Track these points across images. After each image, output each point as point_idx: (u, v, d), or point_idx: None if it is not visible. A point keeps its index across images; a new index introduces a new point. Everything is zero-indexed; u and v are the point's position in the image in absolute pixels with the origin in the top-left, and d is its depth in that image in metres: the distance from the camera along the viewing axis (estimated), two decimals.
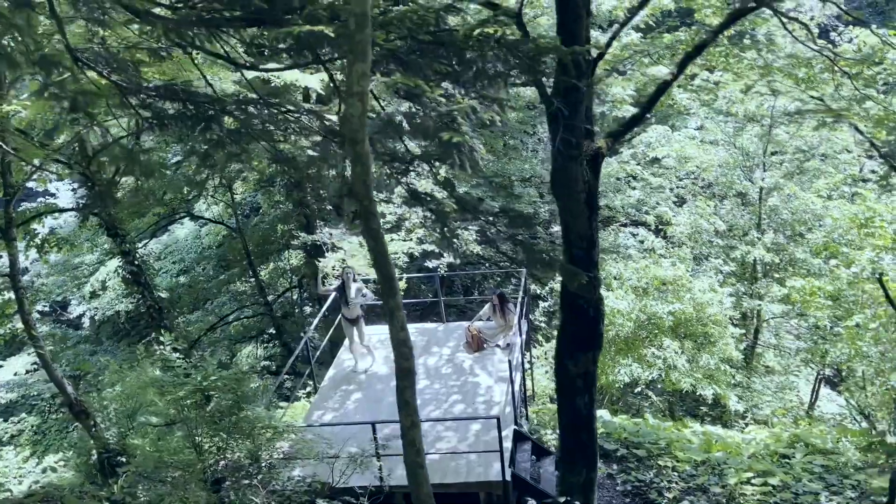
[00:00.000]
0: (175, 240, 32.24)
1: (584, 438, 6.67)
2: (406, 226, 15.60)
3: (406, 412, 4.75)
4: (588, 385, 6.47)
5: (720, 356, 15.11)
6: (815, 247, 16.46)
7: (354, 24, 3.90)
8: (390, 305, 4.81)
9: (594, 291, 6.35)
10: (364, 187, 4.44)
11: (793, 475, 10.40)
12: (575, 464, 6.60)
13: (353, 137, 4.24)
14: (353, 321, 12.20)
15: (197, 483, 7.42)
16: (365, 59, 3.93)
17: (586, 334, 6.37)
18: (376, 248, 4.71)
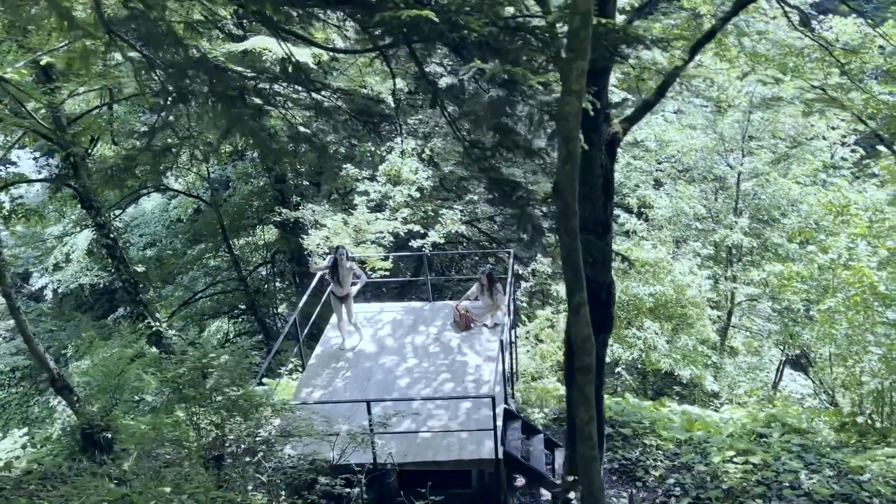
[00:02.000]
0: (142, 212, 31.65)
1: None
2: (390, 205, 15.54)
3: (585, 407, 4.70)
4: (598, 368, 6.55)
5: (697, 337, 15.43)
6: (790, 232, 16.85)
7: (579, 22, 3.89)
8: (576, 301, 4.77)
9: (607, 275, 6.43)
10: (571, 185, 4.46)
11: (772, 454, 10.70)
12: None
13: (567, 135, 4.25)
14: (343, 299, 12.16)
15: (197, 460, 7.37)
16: (584, 57, 3.92)
17: (598, 317, 6.44)
18: (571, 245, 4.67)
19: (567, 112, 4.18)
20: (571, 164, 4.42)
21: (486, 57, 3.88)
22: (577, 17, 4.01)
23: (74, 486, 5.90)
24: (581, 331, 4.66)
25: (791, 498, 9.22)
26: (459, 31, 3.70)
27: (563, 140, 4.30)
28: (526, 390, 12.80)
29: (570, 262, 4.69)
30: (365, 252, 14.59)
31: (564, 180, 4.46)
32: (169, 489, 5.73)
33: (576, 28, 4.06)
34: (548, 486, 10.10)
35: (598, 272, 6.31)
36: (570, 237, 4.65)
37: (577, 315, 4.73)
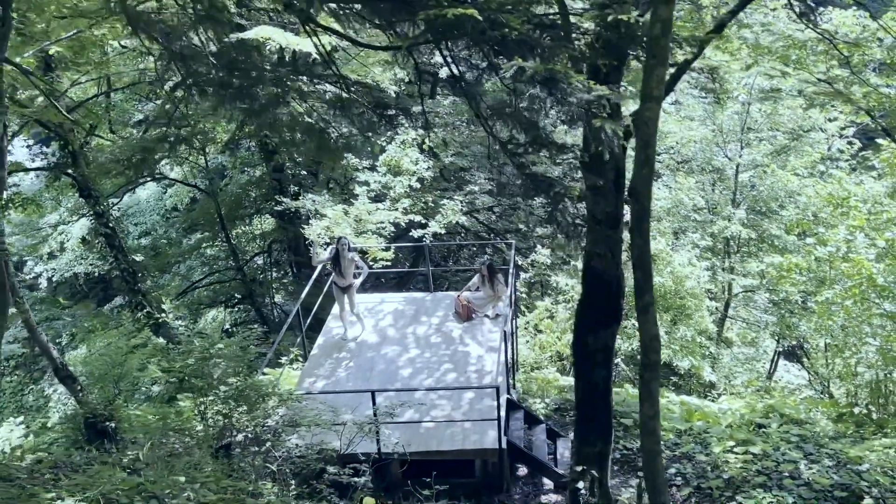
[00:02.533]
0: (136, 201, 31.54)
1: (600, 411, 6.85)
2: (391, 195, 15.54)
3: (649, 402, 4.79)
4: (606, 359, 6.63)
5: (696, 328, 15.53)
6: (788, 224, 16.95)
7: (660, 29, 3.96)
8: (646, 301, 4.83)
9: (617, 268, 6.48)
10: (647, 188, 4.56)
11: (771, 444, 10.80)
12: (590, 436, 6.77)
13: (646, 140, 4.36)
14: (345, 289, 12.18)
15: (206, 450, 7.41)
16: (665, 64, 3.99)
17: (608, 309, 6.51)
18: (643, 246, 4.74)
19: (647, 117, 4.31)
20: (649, 167, 4.59)
21: (526, 55, 3.91)
22: (658, 25, 4.11)
23: (88, 475, 5.92)
24: (650, 329, 4.75)
25: (791, 488, 9.31)
26: (500, 30, 3.72)
27: (643, 145, 4.44)
28: (527, 381, 12.88)
29: (642, 262, 4.78)
30: (366, 242, 14.60)
31: (641, 183, 4.59)
32: (183, 478, 5.77)
33: (657, 35, 4.17)
34: (550, 476, 10.18)
35: (608, 265, 6.36)
36: (643, 238, 4.75)
37: (646, 314, 4.82)
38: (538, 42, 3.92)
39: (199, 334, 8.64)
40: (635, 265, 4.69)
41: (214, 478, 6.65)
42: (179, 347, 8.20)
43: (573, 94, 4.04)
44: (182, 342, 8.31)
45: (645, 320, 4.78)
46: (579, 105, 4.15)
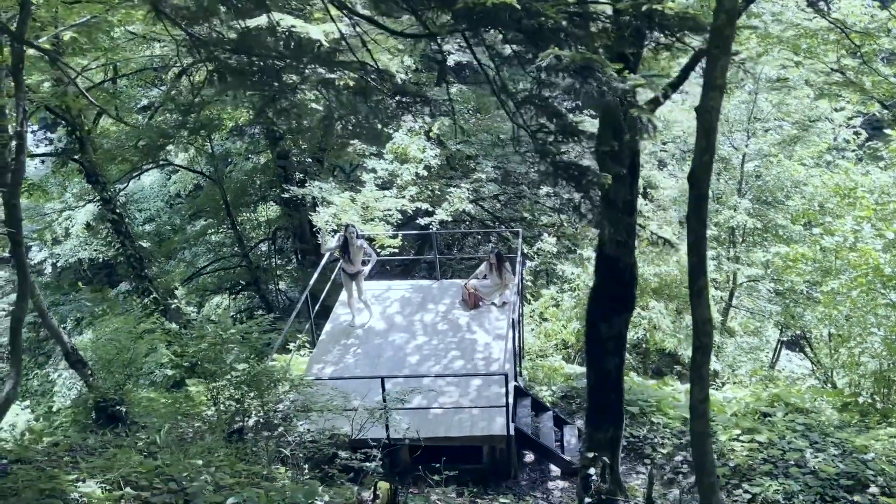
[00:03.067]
0: (140, 187, 31.55)
1: (612, 398, 6.91)
2: (398, 183, 15.55)
3: (700, 386, 4.87)
4: (619, 347, 6.68)
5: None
6: (794, 214, 16.95)
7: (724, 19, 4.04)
8: (700, 284, 4.90)
9: (631, 255, 6.51)
10: (707, 175, 4.65)
11: (777, 433, 10.87)
12: (602, 422, 6.84)
13: (708, 128, 4.45)
14: (353, 276, 12.23)
15: (219, 434, 7.48)
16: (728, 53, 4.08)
17: (621, 297, 6.55)
18: (700, 232, 4.83)
19: (710, 106, 4.43)
20: (710, 155, 4.72)
21: (562, 44, 3.93)
22: (721, 15, 4.20)
23: (106, 458, 5.99)
24: (703, 313, 4.83)
25: (797, 476, 9.38)
26: (536, 18, 3.74)
27: (705, 132, 4.53)
28: (533, 368, 12.94)
29: (698, 248, 4.86)
30: (374, 230, 14.63)
31: (702, 170, 4.69)
32: (200, 462, 5.83)
33: (720, 25, 4.27)
34: (557, 462, 10.27)
35: (622, 252, 6.40)
36: (700, 224, 4.84)
37: (699, 298, 4.90)
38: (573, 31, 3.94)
39: (211, 320, 8.68)
40: (690, 249, 4.76)
41: (229, 462, 6.73)
42: (192, 333, 8.25)
43: (609, 84, 4.07)
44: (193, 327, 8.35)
45: (698, 304, 4.86)
46: (615, 94, 4.17)
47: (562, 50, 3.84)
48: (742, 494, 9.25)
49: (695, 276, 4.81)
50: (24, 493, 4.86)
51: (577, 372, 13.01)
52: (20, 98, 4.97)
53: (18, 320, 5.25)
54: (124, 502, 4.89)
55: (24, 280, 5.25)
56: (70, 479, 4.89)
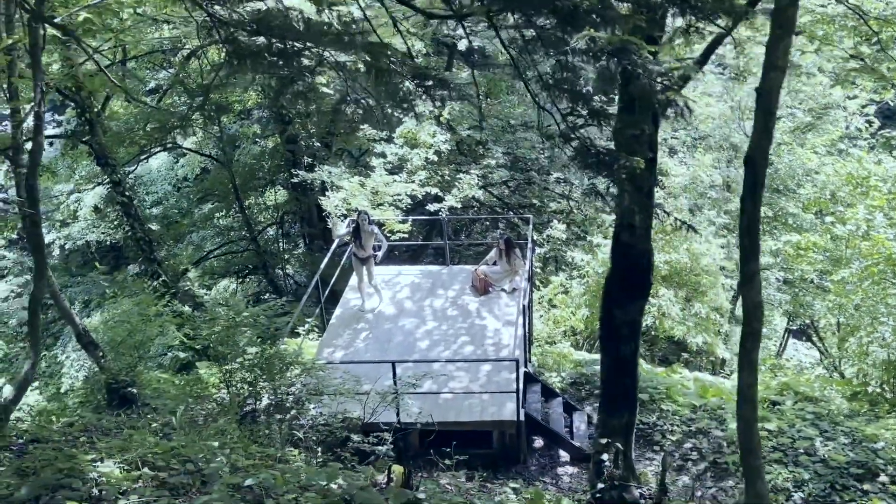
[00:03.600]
0: (147, 170, 31.58)
1: (626, 384, 6.90)
2: (408, 168, 15.51)
3: (749, 371, 4.86)
4: (633, 333, 6.66)
5: (711, 305, 15.54)
6: (806, 202, 16.86)
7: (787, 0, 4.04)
8: (752, 269, 4.88)
9: (647, 242, 6.48)
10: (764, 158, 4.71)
11: (786, 421, 10.86)
12: (616, 408, 6.84)
13: (768, 109, 4.45)
14: (364, 260, 12.23)
15: (232, 416, 7.51)
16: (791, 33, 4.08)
17: (637, 283, 6.53)
18: (754, 214, 4.82)
19: (770, 87, 4.40)
20: (767, 137, 4.68)
21: (597, 26, 3.88)
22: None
23: (123, 438, 6.02)
24: (754, 298, 4.79)
25: (807, 464, 9.39)
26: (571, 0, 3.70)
27: (764, 114, 4.50)
28: (542, 355, 12.94)
29: (751, 231, 4.83)
30: (383, 214, 14.62)
31: (759, 152, 4.67)
32: (217, 443, 5.86)
33: (784, 6, 4.25)
34: (567, 448, 10.30)
35: (638, 239, 6.37)
36: (755, 208, 4.82)
37: (751, 283, 4.87)
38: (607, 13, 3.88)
39: (222, 303, 8.70)
40: (743, 233, 4.73)
41: (242, 444, 6.76)
42: (204, 315, 8.28)
43: (645, 66, 4.02)
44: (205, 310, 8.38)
45: (750, 288, 4.83)
46: (649, 76, 4.12)
47: (597, 32, 3.79)
48: None
49: (747, 261, 4.79)
50: (43, 473, 4.88)
51: (587, 359, 13.01)
52: (38, 78, 4.95)
53: (37, 301, 5.26)
54: (142, 482, 4.91)
55: (42, 261, 5.25)
56: (88, 459, 4.91)
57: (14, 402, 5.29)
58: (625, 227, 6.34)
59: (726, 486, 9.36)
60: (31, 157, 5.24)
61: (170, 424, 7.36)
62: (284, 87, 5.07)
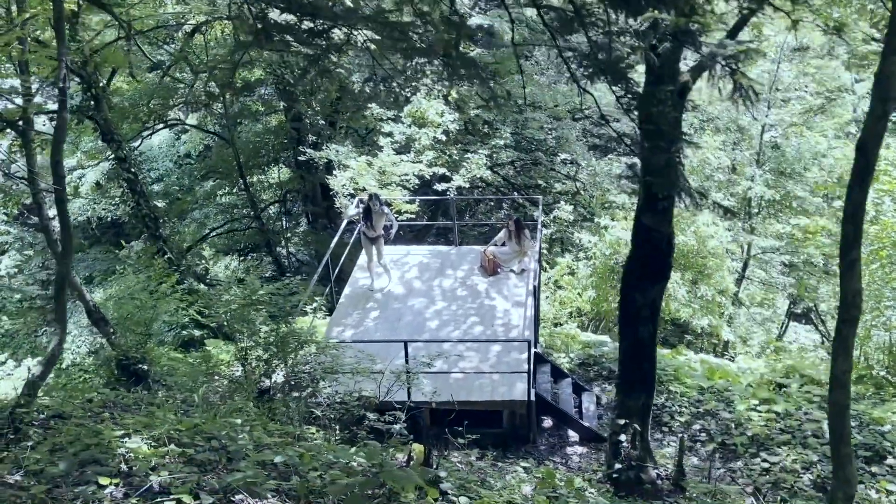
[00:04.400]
0: (149, 147, 31.46)
1: (645, 366, 6.94)
2: (415, 147, 15.44)
3: (844, 357, 4.87)
4: (653, 316, 6.69)
5: (716, 288, 15.59)
6: (815, 185, 16.84)
7: None
8: (853, 256, 4.85)
9: (669, 225, 6.49)
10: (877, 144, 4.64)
11: (793, 403, 10.94)
12: (634, 389, 6.88)
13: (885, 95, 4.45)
14: (374, 240, 12.22)
15: (249, 394, 7.54)
16: None
17: (658, 267, 6.54)
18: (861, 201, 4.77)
19: (889, 72, 4.33)
20: (884, 123, 4.62)
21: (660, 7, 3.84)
22: None
23: (145, 415, 6.04)
24: (853, 285, 4.77)
25: (815, 446, 9.47)
26: None
27: (881, 100, 4.45)
28: (550, 336, 12.99)
29: (855, 218, 4.79)
30: (391, 194, 14.59)
31: (872, 138, 4.62)
32: (240, 420, 5.89)
33: None
34: (576, 428, 10.37)
35: (660, 222, 6.37)
36: (863, 194, 4.76)
37: (852, 270, 4.84)
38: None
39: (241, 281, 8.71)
40: (847, 219, 4.69)
41: (261, 421, 6.79)
42: (219, 293, 8.29)
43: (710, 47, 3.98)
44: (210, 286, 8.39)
45: (850, 276, 4.80)
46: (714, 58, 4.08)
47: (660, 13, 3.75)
48: (760, 463, 9.34)
49: (848, 247, 4.74)
50: (71, 448, 4.91)
51: (594, 340, 13.07)
52: (62, 53, 4.90)
53: (63, 277, 5.26)
54: (169, 458, 4.93)
55: (68, 236, 5.24)
56: (117, 436, 4.93)
57: (42, 377, 5.30)
58: (647, 211, 6.34)
59: (735, 466, 9.43)
60: (56, 132, 5.21)
61: (187, 401, 7.39)
62: (311, 65, 5.03)
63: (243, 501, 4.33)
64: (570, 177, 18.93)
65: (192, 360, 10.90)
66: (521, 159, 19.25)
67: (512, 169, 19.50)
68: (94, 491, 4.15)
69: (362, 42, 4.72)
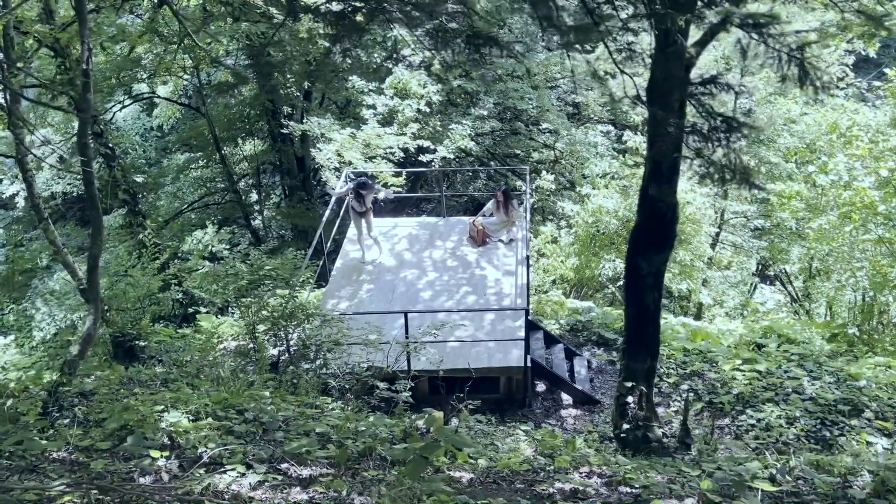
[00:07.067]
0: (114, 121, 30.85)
1: (650, 331, 7.24)
2: (398, 119, 15.48)
3: None
4: (657, 282, 6.96)
5: (694, 253, 16.03)
6: (787, 151, 17.31)
7: None
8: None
9: (673, 195, 6.74)
10: None
11: (774, 362, 11.43)
12: (639, 353, 7.18)
13: None
14: (362, 214, 12.34)
15: (263, 367, 7.69)
16: None
17: (662, 235, 6.79)
18: None
19: None
20: None
21: None
22: None
23: (172, 391, 6.17)
24: None
25: (798, 402, 9.94)
26: None
27: None
28: (539, 303, 13.29)
29: None
30: (376, 167, 14.66)
31: None
32: (267, 392, 6.05)
33: None
34: (569, 391, 10.73)
35: (664, 192, 6.62)
36: None
37: None
38: None
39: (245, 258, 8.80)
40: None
41: (279, 394, 6.97)
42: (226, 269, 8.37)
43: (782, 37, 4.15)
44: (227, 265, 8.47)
45: None
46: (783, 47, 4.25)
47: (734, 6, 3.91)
48: (747, 419, 9.80)
49: None
50: (109, 425, 5.04)
51: (583, 306, 13.40)
52: (84, 35, 4.92)
53: (95, 257, 5.32)
54: (208, 429, 5.10)
55: (98, 217, 5.29)
56: (157, 410, 5.07)
57: (80, 356, 5.39)
58: (652, 182, 6.58)
59: (723, 423, 9.88)
60: (81, 115, 5.24)
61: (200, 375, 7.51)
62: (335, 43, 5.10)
63: (290, 469, 4.52)
64: (549, 145, 19.14)
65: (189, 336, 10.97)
66: (501, 129, 19.40)
67: (490, 139, 19.64)
68: (150, 463, 4.31)
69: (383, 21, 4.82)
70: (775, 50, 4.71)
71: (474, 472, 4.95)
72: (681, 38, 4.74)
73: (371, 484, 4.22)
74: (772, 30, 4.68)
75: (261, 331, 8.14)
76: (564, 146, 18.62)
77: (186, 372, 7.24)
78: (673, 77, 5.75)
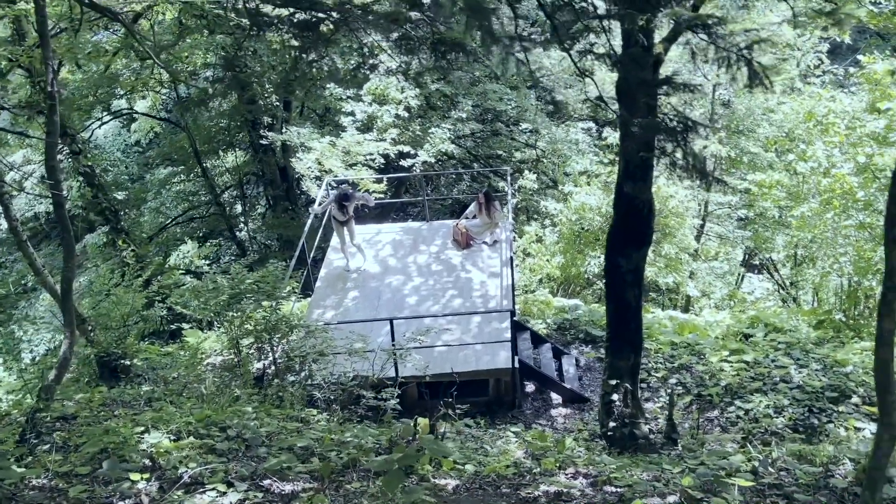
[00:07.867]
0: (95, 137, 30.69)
1: (632, 327, 7.25)
2: (377, 125, 15.45)
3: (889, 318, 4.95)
4: (637, 279, 6.97)
5: (679, 246, 16.09)
6: (767, 141, 17.39)
7: None
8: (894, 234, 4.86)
9: (649, 192, 6.75)
10: None
11: (761, 352, 11.47)
12: (622, 350, 7.19)
13: None
14: (344, 223, 12.31)
15: (247, 381, 7.65)
16: None
17: (640, 232, 6.81)
18: None
19: None
20: None
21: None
22: None
23: (154, 410, 6.13)
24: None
25: (785, 391, 9.98)
26: None
27: None
28: (525, 303, 13.30)
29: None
30: (357, 174, 14.63)
31: None
32: (250, 408, 6.02)
33: None
34: (558, 391, 10.73)
35: (640, 190, 6.64)
36: None
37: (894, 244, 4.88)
38: None
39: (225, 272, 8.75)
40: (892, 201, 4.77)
41: (264, 408, 6.93)
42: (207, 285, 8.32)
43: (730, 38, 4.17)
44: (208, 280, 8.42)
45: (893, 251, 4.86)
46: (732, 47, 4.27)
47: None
48: (735, 410, 9.83)
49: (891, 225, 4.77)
50: (88, 449, 4.99)
51: (568, 304, 13.42)
52: (48, 57, 4.87)
53: (69, 280, 5.27)
54: (190, 450, 5.05)
55: (69, 240, 5.25)
56: (137, 432, 5.03)
57: (57, 381, 5.34)
58: (627, 179, 6.59)
59: (712, 416, 9.90)
60: (48, 137, 5.19)
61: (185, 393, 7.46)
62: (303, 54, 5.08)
63: (272, 485, 4.49)
64: (531, 145, 19.15)
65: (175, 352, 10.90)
66: (481, 131, 19.40)
67: (471, 140, 19.63)
68: (129, 486, 4.26)
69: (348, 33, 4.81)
70: (725, 50, 4.73)
71: (460, 479, 4.94)
72: (643, 38, 4.74)
73: (354, 497, 4.20)
74: (720, 30, 4.69)
75: (245, 345, 8.09)
76: (546, 145, 18.64)
77: (171, 390, 7.18)
78: (635, 77, 5.76)
